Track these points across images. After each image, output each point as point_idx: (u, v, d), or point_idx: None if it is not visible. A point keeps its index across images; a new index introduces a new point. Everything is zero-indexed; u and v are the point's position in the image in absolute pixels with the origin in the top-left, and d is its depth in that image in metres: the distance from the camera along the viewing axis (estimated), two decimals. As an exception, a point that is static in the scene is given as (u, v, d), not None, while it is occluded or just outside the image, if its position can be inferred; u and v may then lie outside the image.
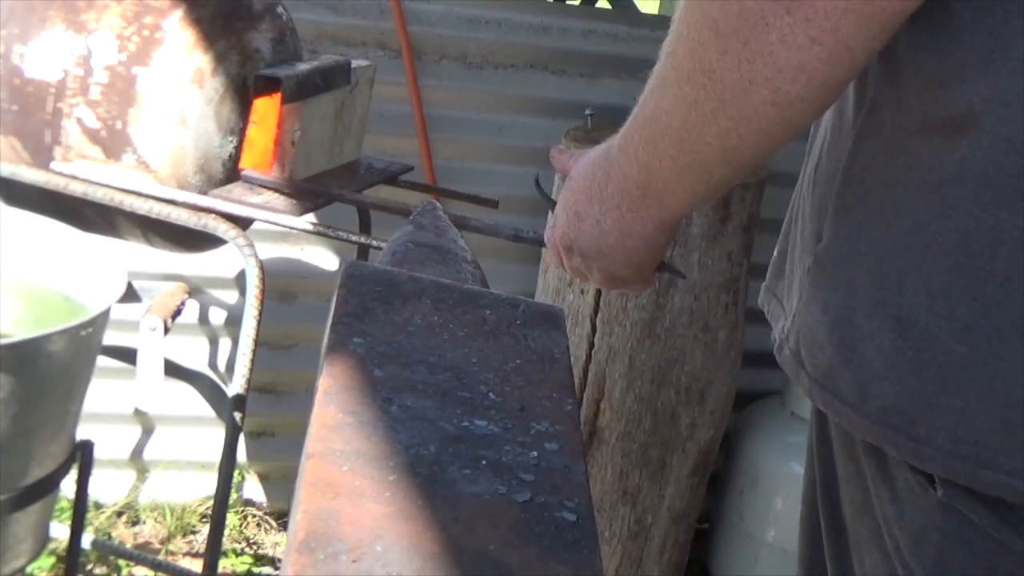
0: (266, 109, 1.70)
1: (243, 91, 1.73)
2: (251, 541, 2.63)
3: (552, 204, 1.10)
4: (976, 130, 0.76)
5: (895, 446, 0.83)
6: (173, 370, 2.20)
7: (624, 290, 1.07)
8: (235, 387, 1.67)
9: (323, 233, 1.73)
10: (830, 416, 0.90)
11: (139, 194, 1.66)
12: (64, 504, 2.26)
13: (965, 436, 0.79)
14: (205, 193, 1.69)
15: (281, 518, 2.69)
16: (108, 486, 2.56)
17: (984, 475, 0.79)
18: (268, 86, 1.69)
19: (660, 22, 2.72)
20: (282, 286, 2.52)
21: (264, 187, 1.72)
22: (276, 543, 2.62)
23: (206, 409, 2.49)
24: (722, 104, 0.77)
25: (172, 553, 2.54)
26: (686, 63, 0.78)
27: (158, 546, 2.55)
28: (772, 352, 0.97)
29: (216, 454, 1.73)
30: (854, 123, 0.85)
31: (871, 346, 0.83)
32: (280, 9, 1.84)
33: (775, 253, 1.05)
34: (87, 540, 2.12)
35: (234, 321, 2.49)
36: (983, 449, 0.78)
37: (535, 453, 0.72)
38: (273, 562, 2.57)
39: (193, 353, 2.51)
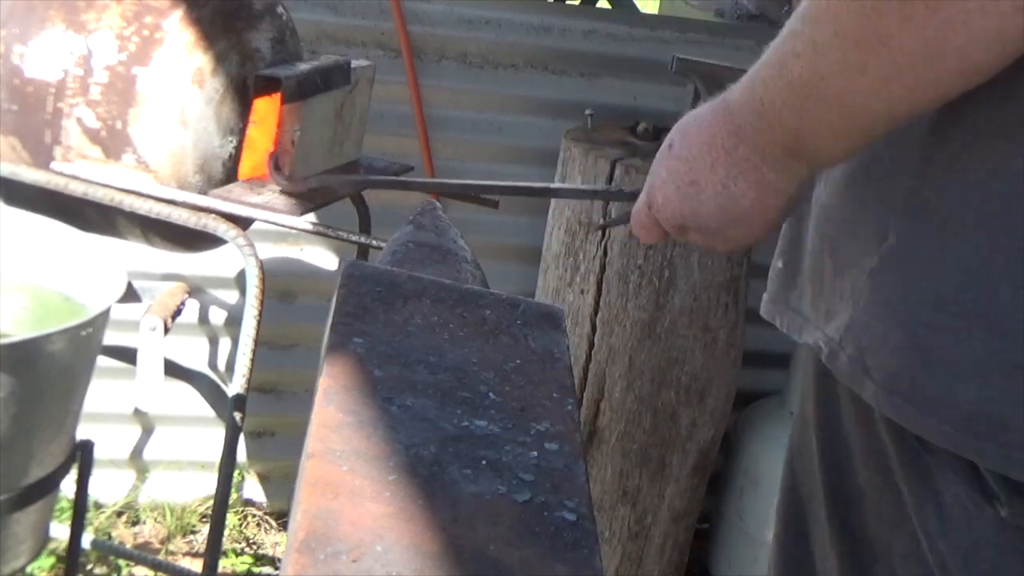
0: (266, 109, 1.70)
1: (243, 91, 1.73)
2: (251, 541, 2.63)
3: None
4: None
5: (980, 454, 0.79)
6: (173, 370, 2.20)
7: (729, 250, 1.02)
8: (235, 387, 1.67)
9: (323, 233, 1.73)
10: (905, 425, 0.85)
11: (139, 194, 1.66)
12: (64, 504, 2.26)
13: None
14: (205, 193, 1.69)
15: (281, 518, 2.69)
16: (108, 486, 2.56)
17: None
18: (268, 86, 1.69)
19: (660, 22, 2.72)
20: (282, 286, 2.52)
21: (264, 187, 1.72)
22: (276, 543, 2.62)
23: (206, 409, 2.50)
24: (898, 72, 0.74)
25: (172, 553, 2.54)
26: (854, 29, 0.74)
27: (158, 546, 2.55)
28: (772, 352, 0.96)
29: (216, 454, 1.74)
30: (930, 115, 0.81)
31: (956, 349, 0.79)
32: (280, 9, 1.84)
33: (779, 266, 1.02)
34: (87, 540, 2.12)
35: (234, 321, 2.49)
36: None
37: (535, 453, 0.72)
38: (273, 562, 2.57)
39: (193, 353, 2.51)
